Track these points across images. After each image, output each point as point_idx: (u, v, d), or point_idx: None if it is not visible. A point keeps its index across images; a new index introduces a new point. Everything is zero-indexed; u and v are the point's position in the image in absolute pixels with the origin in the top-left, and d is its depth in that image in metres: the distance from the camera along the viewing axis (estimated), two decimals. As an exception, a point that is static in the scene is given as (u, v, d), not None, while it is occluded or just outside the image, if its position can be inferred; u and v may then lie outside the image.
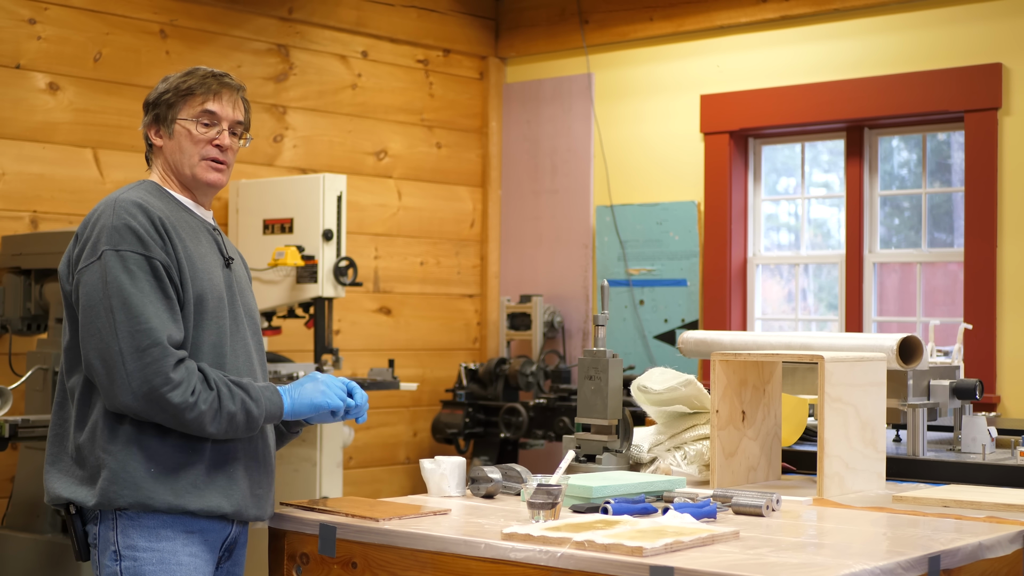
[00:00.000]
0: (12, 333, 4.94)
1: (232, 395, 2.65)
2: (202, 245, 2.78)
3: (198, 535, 2.71)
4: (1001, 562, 2.62)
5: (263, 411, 2.70)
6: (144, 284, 2.63)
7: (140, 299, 2.61)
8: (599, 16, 6.67)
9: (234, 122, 2.83)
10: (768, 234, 6.49)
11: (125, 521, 2.66)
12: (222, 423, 2.64)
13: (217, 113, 2.80)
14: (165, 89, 2.81)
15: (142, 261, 2.64)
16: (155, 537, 2.66)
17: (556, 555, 2.38)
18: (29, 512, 4.61)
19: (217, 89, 2.80)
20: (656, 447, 3.46)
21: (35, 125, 5.27)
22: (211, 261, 2.78)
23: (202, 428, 2.63)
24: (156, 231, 2.67)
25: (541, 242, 6.90)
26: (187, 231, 2.75)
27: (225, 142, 2.81)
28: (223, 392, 2.64)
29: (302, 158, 6.21)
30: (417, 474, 6.52)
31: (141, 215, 2.67)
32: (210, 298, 2.73)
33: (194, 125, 2.79)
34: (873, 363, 3.26)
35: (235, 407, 2.65)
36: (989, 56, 5.55)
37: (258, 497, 2.79)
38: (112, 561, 2.67)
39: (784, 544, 2.49)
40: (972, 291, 5.55)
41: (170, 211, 2.76)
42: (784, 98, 6.11)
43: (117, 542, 2.66)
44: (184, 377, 2.60)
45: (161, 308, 2.63)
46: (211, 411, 2.62)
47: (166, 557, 2.66)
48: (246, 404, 2.67)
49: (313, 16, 6.23)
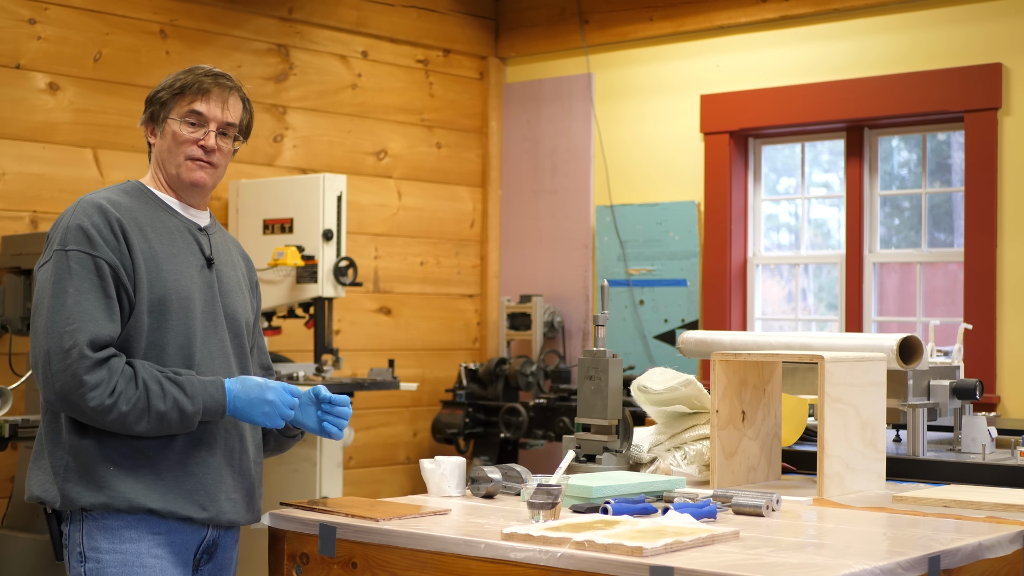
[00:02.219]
0: (12, 333, 4.94)
1: (164, 393, 2.61)
2: (175, 245, 2.75)
3: (165, 536, 2.68)
4: (1001, 562, 2.62)
5: (199, 408, 2.64)
6: (84, 283, 2.61)
7: (75, 298, 2.60)
8: (599, 16, 6.67)
9: (223, 123, 2.79)
10: (768, 234, 6.49)
11: (90, 522, 2.65)
12: (151, 422, 2.60)
13: (204, 114, 2.77)
14: (162, 87, 2.80)
15: (87, 260, 2.62)
16: (118, 539, 2.64)
17: (556, 555, 2.38)
18: (29, 512, 4.62)
19: (207, 88, 2.77)
20: (656, 447, 3.46)
21: (35, 125, 5.27)
22: (184, 262, 2.75)
23: (128, 428, 2.59)
24: (111, 231, 2.65)
25: (541, 242, 6.90)
26: (158, 232, 2.74)
27: (210, 143, 2.77)
28: (152, 390, 2.60)
29: (302, 158, 6.21)
30: (417, 474, 6.52)
31: (97, 215, 2.66)
32: (174, 299, 2.70)
33: (180, 125, 2.77)
34: (873, 363, 3.26)
35: (165, 406, 2.60)
36: (989, 56, 5.55)
37: (233, 502, 2.75)
38: (78, 563, 2.66)
39: (784, 544, 2.48)
40: (972, 291, 5.55)
41: (143, 211, 2.74)
42: (784, 98, 6.11)
43: (82, 543, 2.65)
44: (103, 379, 2.57)
45: (97, 307, 2.61)
46: (136, 411, 2.58)
47: (129, 559, 2.64)
48: (179, 402, 2.61)
49: (313, 16, 6.23)
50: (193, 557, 2.75)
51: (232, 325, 2.83)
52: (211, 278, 2.80)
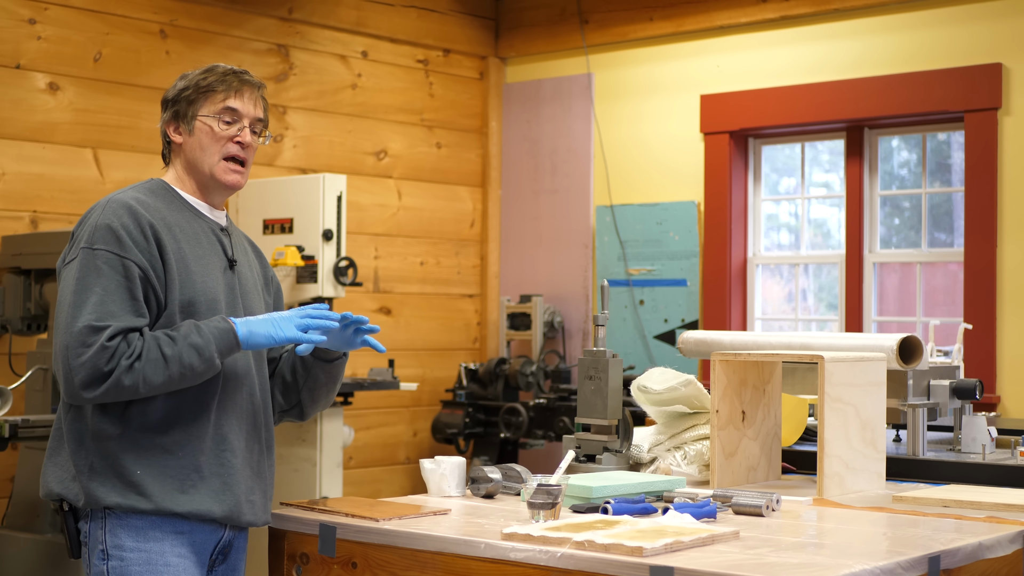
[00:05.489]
0: (12, 333, 4.94)
1: (171, 341, 2.57)
2: (202, 247, 2.75)
3: (187, 536, 2.68)
4: (1001, 562, 2.62)
5: (209, 342, 2.61)
6: (111, 283, 2.60)
7: (100, 297, 2.58)
8: (599, 16, 6.67)
9: (255, 119, 2.82)
10: (768, 234, 6.49)
11: (113, 520, 2.65)
12: (171, 369, 2.56)
13: (239, 110, 2.79)
14: (185, 86, 2.80)
15: (115, 261, 2.61)
16: (143, 537, 2.64)
17: (556, 555, 2.38)
18: (29, 512, 4.62)
19: (238, 86, 2.79)
20: (656, 447, 3.46)
21: (35, 125, 5.27)
22: (210, 264, 2.75)
23: (151, 384, 2.56)
24: (141, 233, 2.64)
25: (541, 242, 6.90)
26: (185, 233, 2.73)
27: (247, 139, 2.80)
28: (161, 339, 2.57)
29: (302, 158, 6.21)
30: (417, 474, 6.52)
31: (127, 216, 2.65)
32: (202, 301, 2.70)
33: (215, 122, 2.77)
34: (873, 363, 3.26)
35: (174, 350, 2.56)
36: (989, 56, 5.55)
37: (252, 503, 2.76)
38: (100, 560, 2.66)
39: (784, 544, 2.49)
40: (972, 291, 5.55)
41: (170, 212, 2.74)
42: (784, 98, 6.11)
43: (105, 541, 2.65)
44: (113, 351, 2.53)
45: (123, 308, 2.59)
46: (156, 364, 2.55)
47: (153, 558, 2.65)
48: (189, 338, 2.58)
49: (313, 16, 6.23)
50: (209, 557, 2.76)
51: None
52: (233, 280, 2.81)
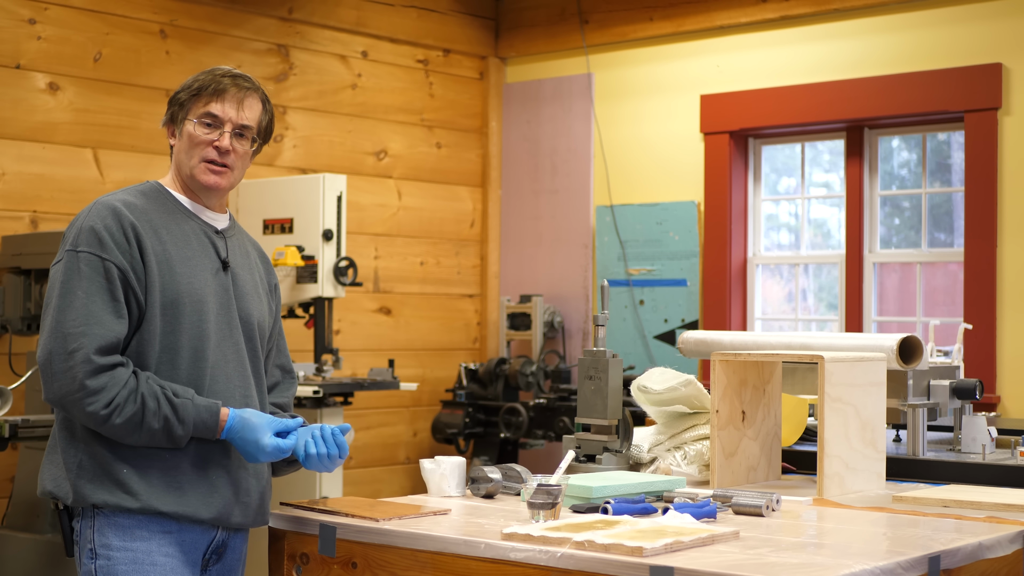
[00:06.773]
0: (12, 333, 4.94)
1: (158, 411, 2.62)
2: (191, 248, 2.75)
3: (175, 536, 2.69)
4: (1001, 562, 2.62)
5: (188, 431, 2.65)
6: (92, 285, 2.62)
7: (83, 300, 2.61)
8: (599, 16, 6.67)
9: (238, 125, 2.78)
10: (768, 234, 6.49)
11: (102, 519, 2.66)
12: (141, 436, 2.62)
13: (218, 115, 2.77)
14: (182, 88, 2.81)
15: (96, 262, 2.63)
16: (130, 536, 2.65)
17: (556, 555, 2.38)
18: (29, 512, 4.62)
19: (223, 89, 2.77)
20: (656, 447, 3.46)
21: (35, 125, 5.27)
22: (198, 265, 2.75)
23: (120, 438, 2.63)
24: (123, 234, 2.66)
25: (541, 242, 6.90)
26: (173, 234, 2.74)
27: (224, 144, 2.77)
28: (148, 407, 2.61)
29: (302, 158, 6.21)
30: (417, 474, 6.52)
31: (110, 218, 2.67)
32: (187, 302, 2.70)
33: (195, 126, 2.77)
34: (873, 363, 3.26)
35: (157, 424, 2.62)
36: (989, 56, 5.55)
37: (245, 505, 2.76)
38: (88, 559, 2.67)
39: (784, 544, 2.48)
40: (972, 291, 5.55)
41: (159, 214, 2.75)
42: (784, 98, 6.11)
43: (93, 540, 2.66)
44: (104, 385, 2.58)
45: (104, 310, 2.61)
46: (130, 425, 2.60)
47: (140, 557, 2.65)
48: (168, 424, 2.63)
49: (313, 16, 6.23)
50: (202, 557, 2.75)
51: (247, 328, 2.83)
52: (227, 281, 2.80)
